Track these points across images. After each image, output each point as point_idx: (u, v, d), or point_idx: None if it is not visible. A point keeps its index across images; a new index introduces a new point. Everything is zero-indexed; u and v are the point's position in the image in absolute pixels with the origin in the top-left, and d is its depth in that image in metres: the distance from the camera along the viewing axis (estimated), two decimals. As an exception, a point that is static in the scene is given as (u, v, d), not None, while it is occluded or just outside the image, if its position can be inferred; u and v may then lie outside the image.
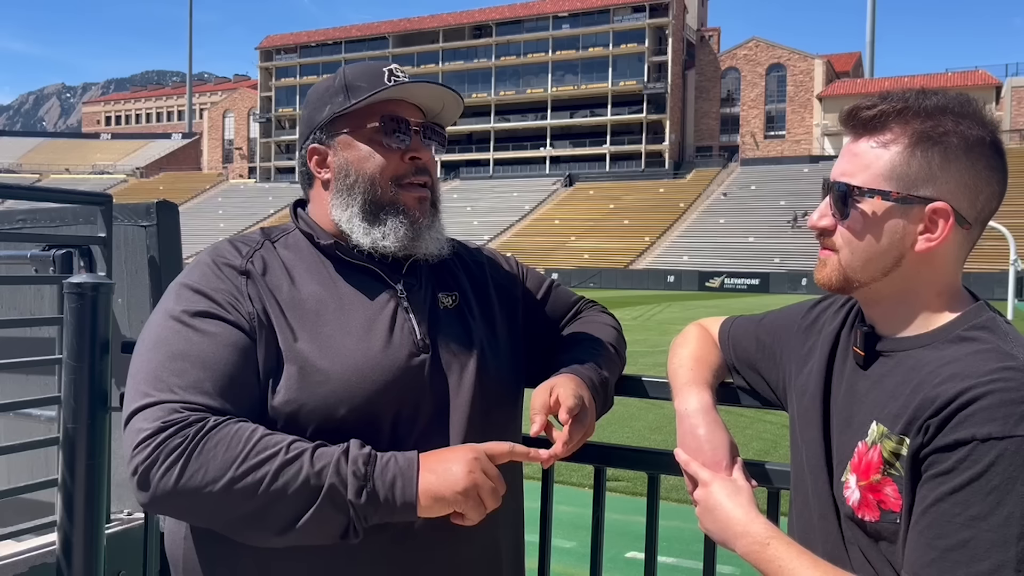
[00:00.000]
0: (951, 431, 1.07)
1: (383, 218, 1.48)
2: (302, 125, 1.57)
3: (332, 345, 1.40)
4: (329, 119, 1.51)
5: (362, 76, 1.51)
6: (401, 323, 1.46)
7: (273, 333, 1.39)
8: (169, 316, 1.39)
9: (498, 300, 1.63)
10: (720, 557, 1.64)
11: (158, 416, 1.28)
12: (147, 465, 1.26)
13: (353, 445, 1.29)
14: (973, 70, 74.98)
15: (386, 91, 1.48)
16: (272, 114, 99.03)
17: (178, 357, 1.33)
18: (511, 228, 71.74)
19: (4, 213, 2.90)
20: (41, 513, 2.27)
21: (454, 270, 1.61)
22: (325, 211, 1.53)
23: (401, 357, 1.43)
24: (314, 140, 1.54)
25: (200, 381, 1.31)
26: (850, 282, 1.24)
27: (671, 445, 1.47)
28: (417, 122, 1.53)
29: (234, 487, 1.24)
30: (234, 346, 1.36)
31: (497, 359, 1.55)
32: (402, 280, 1.51)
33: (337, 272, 1.49)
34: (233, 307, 1.39)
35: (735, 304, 34.69)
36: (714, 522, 1.29)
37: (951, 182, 1.17)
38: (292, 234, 1.54)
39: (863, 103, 1.22)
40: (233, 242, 1.52)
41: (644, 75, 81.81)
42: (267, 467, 1.24)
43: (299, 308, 1.42)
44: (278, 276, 1.46)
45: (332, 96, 1.52)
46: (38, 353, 2.36)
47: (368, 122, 1.50)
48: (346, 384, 1.38)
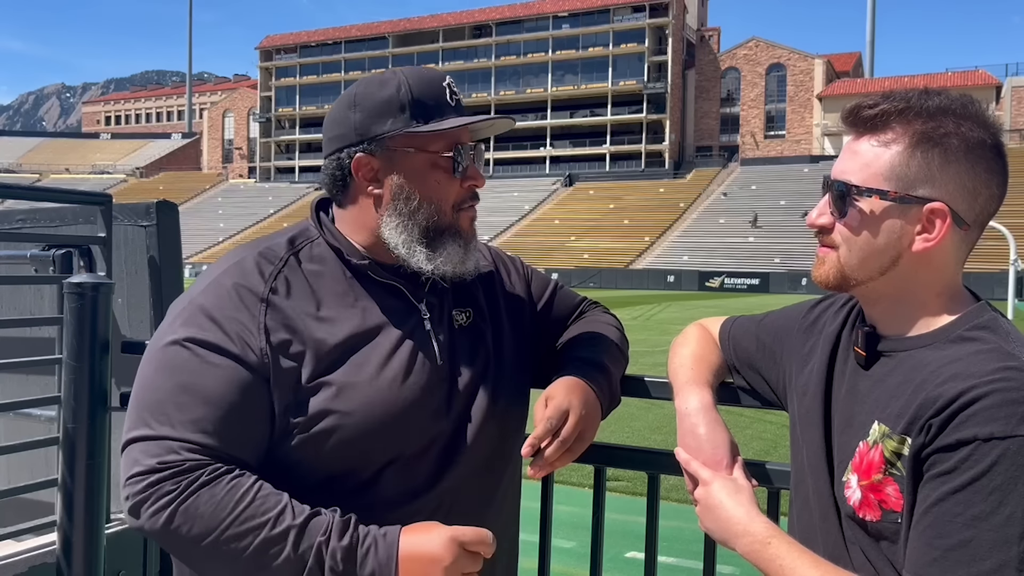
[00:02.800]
0: (953, 431, 1.07)
1: (443, 242, 1.46)
2: (342, 126, 1.47)
3: (360, 375, 1.38)
4: (393, 134, 1.43)
5: (426, 93, 1.44)
6: (423, 347, 1.45)
7: (293, 364, 1.36)
8: (179, 340, 1.36)
9: (507, 308, 1.63)
10: (720, 557, 1.64)
11: (155, 453, 1.28)
12: (139, 501, 1.27)
13: (335, 532, 1.26)
14: (973, 70, 75.05)
15: (464, 124, 1.44)
16: (272, 114, 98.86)
17: (183, 389, 1.31)
18: (511, 228, 71.74)
19: (4, 213, 2.90)
20: (41, 513, 2.27)
21: (469, 283, 1.57)
22: (368, 227, 1.48)
23: (422, 383, 1.43)
24: (364, 149, 1.44)
25: (201, 420, 1.30)
26: (847, 280, 1.24)
27: (671, 445, 1.47)
28: (472, 146, 1.50)
29: (219, 549, 1.25)
30: (239, 385, 1.33)
31: (508, 373, 1.55)
32: (425, 299, 1.50)
33: (363, 289, 1.45)
34: (244, 341, 1.35)
35: (735, 304, 34.69)
36: (715, 521, 1.28)
37: (950, 183, 1.17)
38: (317, 243, 1.48)
39: (865, 102, 1.22)
40: (259, 260, 1.44)
41: (644, 75, 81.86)
42: (251, 539, 1.24)
43: (324, 335, 1.39)
44: (302, 300, 1.41)
45: (395, 109, 1.43)
46: (38, 353, 2.36)
47: (435, 146, 1.45)
48: (372, 414, 1.37)
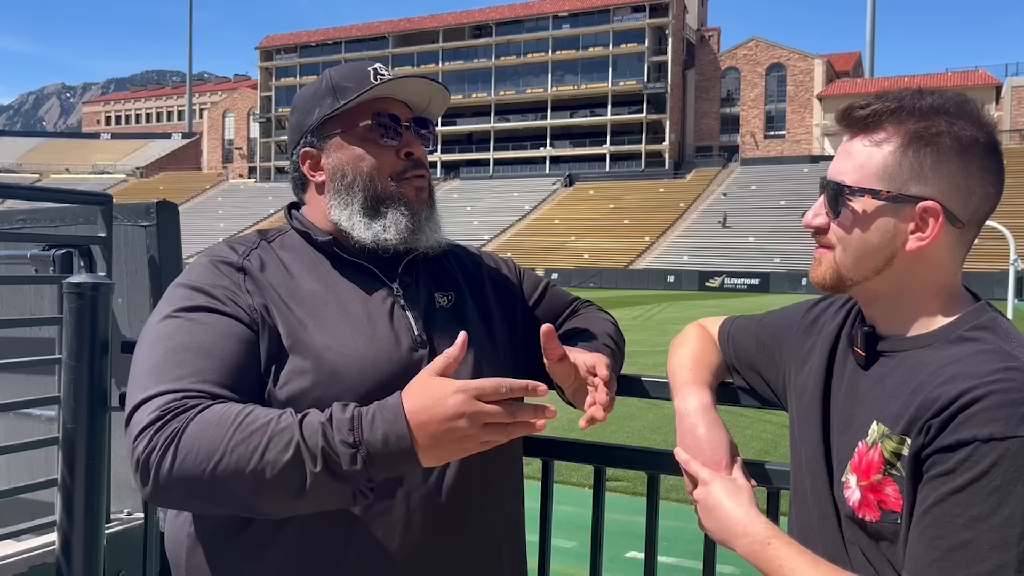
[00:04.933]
0: (952, 431, 1.07)
1: (384, 211, 1.50)
2: (291, 131, 1.58)
3: (337, 337, 1.40)
4: (320, 122, 1.52)
5: (348, 77, 1.52)
6: (399, 321, 1.47)
7: (275, 326, 1.39)
8: (168, 314, 1.38)
9: (495, 299, 1.64)
10: (720, 557, 1.64)
11: (157, 406, 1.27)
12: (146, 454, 1.23)
13: (336, 410, 1.23)
14: (973, 70, 74.99)
15: (374, 89, 1.49)
16: (272, 114, 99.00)
17: (179, 349, 1.33)
18: (511, 228, 71.73)
19: (4, 213, 2.90)
20: (41, 513, 2.27)
21: (450, 270, 1.61)
22: (322, 212, 1.54)
23: (402, 353, 1.44)
24: (305, 144, 1.54)
25: (202, 370, 1.30)
26: (843, 280, 1.25)
27: (671, 445, 1.47)
28: (407, 118, 1.55)
29: (228, 464, 1.20)
30: (235, 336, 1.36)
31: (494, 358, 1.55)
32: (398, 279, 1.52)
33: (334, 269, 1.50)
34: (232, 300, 1.39)
35: (735, 304, 34.68)
36: (714, 521, 1.28)
37: (942, 182, 1.17)
38: (288, 234, 1.55)
39: (858, 102, 1.22)
40: (230, 243, 1.52)
41: (644, 75, 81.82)
42: (258, 440, 1.20)
43: (301, 302, 1.43)
44: (276, 273, 1.46)
45: (320, 99, 1.53)
46: (38, 353, 2.36)
47: (359, 121, 1.51)
48: (352, 376, 1.38)
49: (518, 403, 1.22)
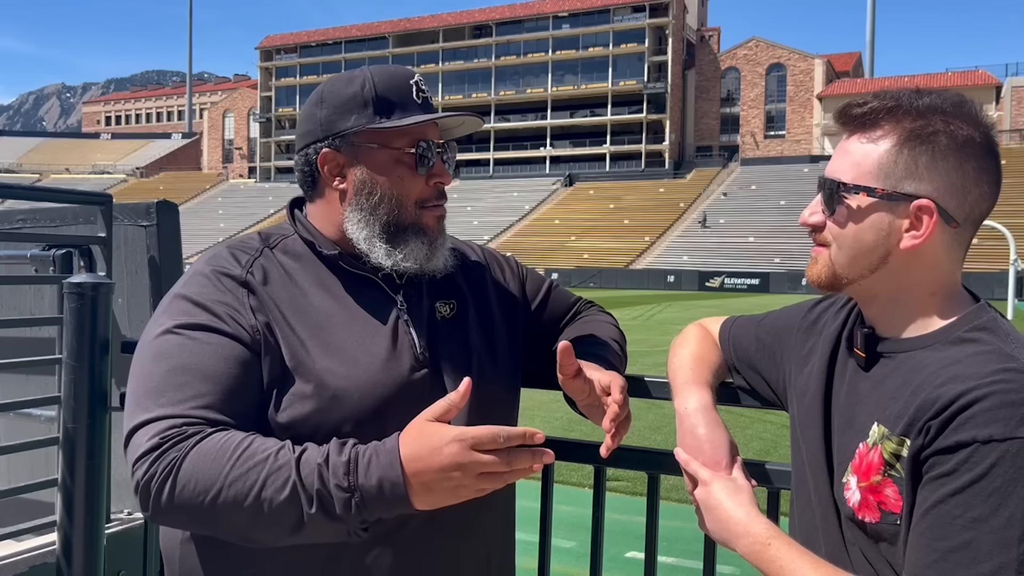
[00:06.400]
0: (952, 433, 1.07)
1: (405, 239, 1.47)
2: (310, 123, 1.50)
3: (340, 362, 1.38)
4: (356, 131, 1.45)
5: (391, 90, 1.46)
6: (402, 337, 1.45)
7: (277, 346, 1.37)
8: (168, 328, 1.36)
9: (497, 301, 1.62)
10: (720, 557, 1.64)
11: (157, 431, 1.27)
12: (146, 481, 1.25)
13: (333, 450, 1.23)
14: (973, 70, 75.03)
15: (425, 119, 1.45)
16: (272, 114, 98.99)
17: (179, 370, 1.31)
18: (511, 228, 71.73)
19: (4, 213, 2.90)
20: (41, 513, 2.27)
21: (452, 274, 1.58)
22: (333, 220, 1.50)
23: (403, 373, 1.42)
24: (330, 145, 1.47)
25: (202, 394, 1.30)
26: (839, 278, 1.25)
27: (671, 445, 1.46)
28: (439, 144, 1.51)
29: (226, 498, 1.21)
30: (236, 359, 1.34)
31: (494, 366, 1.54)
32: (402, 291, 1.50)
33: (339, 281, 1.47)
34: (233, 319, 1.36)
35: (735, 304, 34.68)
36: (715, 522, 1.28)
37: (937, 180, 1.16)
38: (291, 239, 1.51)
39: (856, 101, 1.23)
40: (231, 250, 1.48)
41: (644, 75, 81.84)
42: (255, 476, 1.21)
43: (304, 318, 1.41)
44: (280, 285, 1.43)
45: (359, 106, 1.46)
46: (38, 353, 2.36)
47: (398, 143, 1.46)
48: (353, 401, 1.37)
49: (515, 451, 1.21)
